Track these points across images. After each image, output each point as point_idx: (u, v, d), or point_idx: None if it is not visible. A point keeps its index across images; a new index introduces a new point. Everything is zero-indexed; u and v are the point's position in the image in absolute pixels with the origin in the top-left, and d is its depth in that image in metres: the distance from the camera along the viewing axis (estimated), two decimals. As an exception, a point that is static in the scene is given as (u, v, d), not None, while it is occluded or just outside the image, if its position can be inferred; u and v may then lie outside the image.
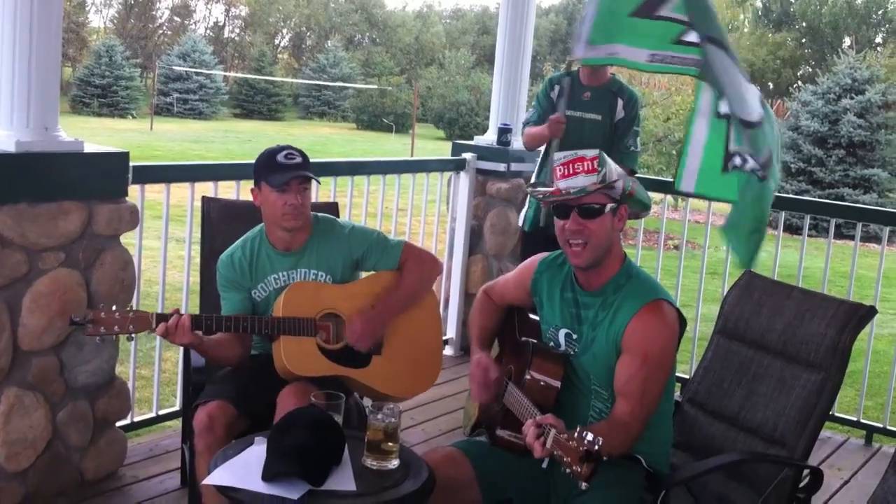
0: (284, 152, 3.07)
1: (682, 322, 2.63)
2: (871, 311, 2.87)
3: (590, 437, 2.06)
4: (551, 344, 2.72)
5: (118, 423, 3.74)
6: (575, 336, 2.66)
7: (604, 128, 4.62)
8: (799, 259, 5.01)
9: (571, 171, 2.56)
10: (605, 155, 2.59)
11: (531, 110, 4.87)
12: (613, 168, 2.59)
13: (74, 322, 2.77)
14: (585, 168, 2.54)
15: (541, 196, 2.69)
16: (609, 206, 2.58)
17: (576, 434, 2.09)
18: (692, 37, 3.57)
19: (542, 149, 4.79)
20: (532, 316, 2.89)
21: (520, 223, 4.97)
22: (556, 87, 4.71)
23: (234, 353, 3.07)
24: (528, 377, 2.59)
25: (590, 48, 3.73)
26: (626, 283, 2.62)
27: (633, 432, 2.48)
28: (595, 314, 2.62)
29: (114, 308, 2.77)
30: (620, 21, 3.70)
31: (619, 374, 2.53)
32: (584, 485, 2.06)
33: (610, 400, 2.60)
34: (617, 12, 3.71)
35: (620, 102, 4.69)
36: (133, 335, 2.81)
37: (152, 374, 4.33)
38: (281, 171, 3.03)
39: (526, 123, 4.86)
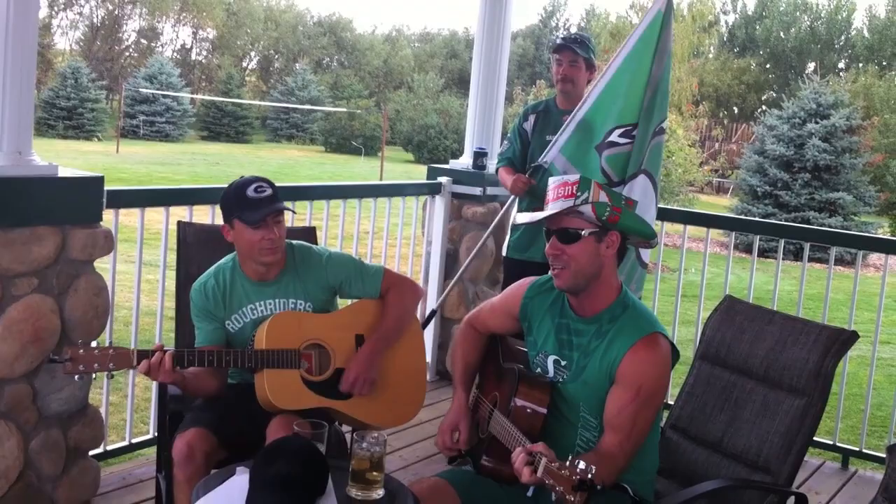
0: (253, 185, 2.98)
1: (676, 355, 2.61)
2: (852, 337, 2.87)
3: (582, 465, 2.03)
4: (538, 370, 2.69)
5: (91, 452, 3.66)
6: (564, 363, 2.63)
7: None
8: (774, 283, 5.05)
9: (555, 196, 2.55)
10: (590, 180, 2.55)
11: (506, 143, 4.76)
12: (599, 194, 2.53)
13: (53, 360, 2.71)
14: (566, 192, 2.52)
15: (524, 222, 2.70)
16: (587, 230, 2.52)
17: (567, 463, 2.06)
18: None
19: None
20: (516, 344, 2.86)
21: (503, 252, 4.84)
22: (531, 118, 4.63)
23: (211, 386, 3.00)
24: (514, 404, 2.56)
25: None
26: (622, 313, 2.57)
27: (619, 465, 2.45)
28: (588, 342, 2.58)
29: (93, 344, 2.69)
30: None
31: (610, 406, 2.50)
32: None
33: (598, 429, 2.57)
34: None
35: None
36: (113, 373, 2.74)
37: (122, 400, 4.25)
38: (254, 206, 2.96)
39: (500, 160, 4.74)
